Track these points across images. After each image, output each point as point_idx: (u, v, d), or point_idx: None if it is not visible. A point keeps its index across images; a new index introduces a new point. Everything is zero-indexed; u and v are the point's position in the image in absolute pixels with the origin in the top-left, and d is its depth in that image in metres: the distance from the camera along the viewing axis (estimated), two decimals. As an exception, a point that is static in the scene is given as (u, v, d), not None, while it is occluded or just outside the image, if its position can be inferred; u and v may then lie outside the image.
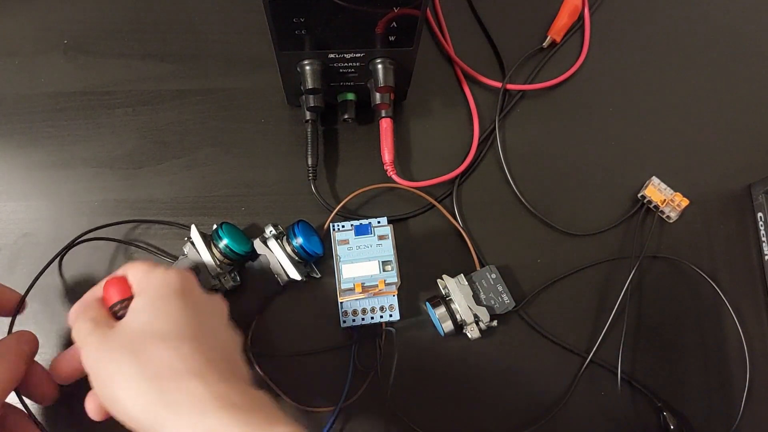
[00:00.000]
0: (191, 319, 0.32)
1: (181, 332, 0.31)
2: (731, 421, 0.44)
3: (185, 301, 0.32)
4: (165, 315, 0.31)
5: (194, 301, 0.33)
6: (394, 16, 0.36)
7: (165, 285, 0.33)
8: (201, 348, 0.30)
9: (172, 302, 0.32)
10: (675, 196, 0.48)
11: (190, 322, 0.31)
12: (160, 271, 0.34)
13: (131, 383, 0.28)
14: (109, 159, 0.46)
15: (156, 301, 0.32)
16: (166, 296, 0.32)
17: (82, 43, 0.49)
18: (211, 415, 0.27)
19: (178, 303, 0.32)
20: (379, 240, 0.42)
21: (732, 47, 0.54)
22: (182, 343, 0.30)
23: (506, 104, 0.50)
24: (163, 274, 0.33)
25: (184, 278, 0.34)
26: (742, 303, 0.47)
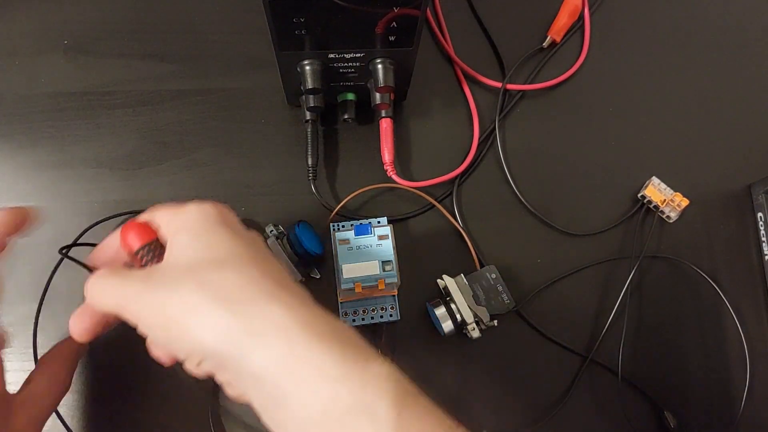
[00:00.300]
0: (245, 245, 0.28)
1: (240, 256, 0.27)
2: (731, 421, 0.44)
3: (232, 229, 0.29)
4: (216, 244, 0.27)
5: (239, 230, 0.30)
6: (394, 16, 0.36)
7: (204, 217, 0.29)
8: (267, 271, 0.27)
9: (219, 231, 0.28)
10: (675, 196, 0.48)
11: (247, 248, 0.28)
12: (192, 205, 0.30)
13: (203, 309, 0.25)
14: (109, 159, 0.46)
15: (200, 235, 0.28)
16: (210, 227, 0.28)
17: (82, 43, 0.49)
18: (299, 344, 0.24)
19: (226, 231, 0.28)
20: (379, 240, 0.42)
21: (732, 47, 0.54)
22: (246, 266, 0.26)
23: (506, 104, 0.50)
24: (198, 207, 0.30)
25: (222, 208, 0.31)
26: (742, 303, 0.47)
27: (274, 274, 0.27)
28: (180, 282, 0.26)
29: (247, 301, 0.25)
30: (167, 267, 0.27)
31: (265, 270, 0.27)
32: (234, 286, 0.25)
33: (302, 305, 0.26)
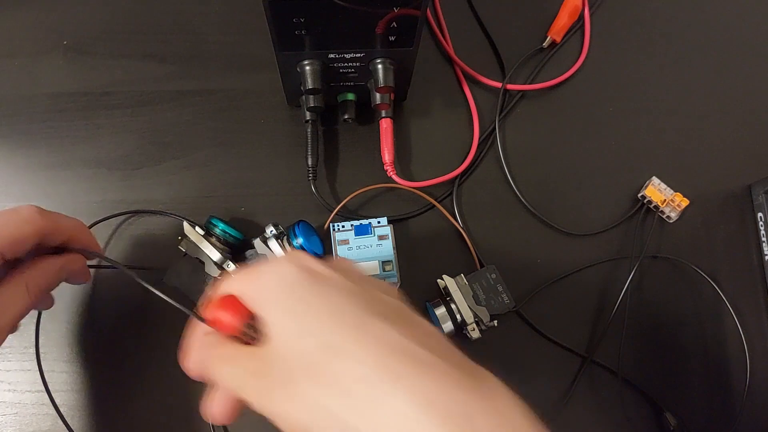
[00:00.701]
0: (344, 301, 0.25)
1: (345, 326, 0.24)
2: (731, 421, 0.44)
3: (320, 283, 0.25)
4: (314, 316, 0.24)
5: (327, 277, 0.26)
6: (394, 17, 0.36)
7: (285, 279, 0.26)
8: (378, 331, 0.24)
9: (308, 293, 0.25)
10: (675, 196, 0.48)
11: (346, 305, 0.25)
12: (266, 268, 0.27)
13: (325, 416, 0.22)
14: (109, 159, 0.46)
15: (293, 305, 0.25)
16: (297, 291, 0.25)
17: (82, 43, 0.49)
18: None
19: (316, 290, 0.25)
20: (379, 240, 0.42)
21: (732, 47, 0.54)
22: (356, 344, 0.23)
23: (506, 104, 0.50)
24: (273, 269, 0.26)
25: (295, 259, 0.27)
26: (742, 303, 0.46)
27: (386, 329, 0.24)
28: (297, 382, 0.23)
29: (367, 398, 0.22)
30: (277, 358, 0.24)
31: (376, 330, 0.24)
32: (352, 379, 0.22)
33: (434, 379, 0.23)
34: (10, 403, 0.41)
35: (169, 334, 0.43)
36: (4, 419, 0.40)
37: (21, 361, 0.42)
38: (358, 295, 0.25)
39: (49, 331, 0.42)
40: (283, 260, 0.27)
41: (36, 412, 0.41)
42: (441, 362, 0.24)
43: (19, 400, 0.41)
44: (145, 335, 0.42)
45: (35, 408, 0.41)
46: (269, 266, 0.27)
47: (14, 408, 0.41)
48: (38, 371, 0.40)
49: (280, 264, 0.27)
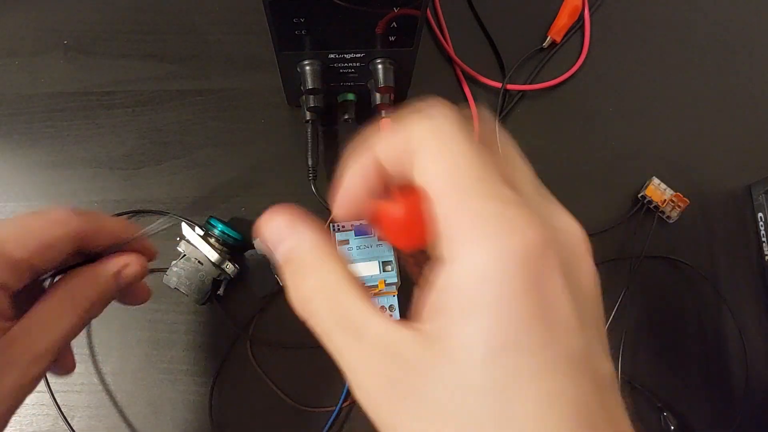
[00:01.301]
0: (563, 396, 0.15)
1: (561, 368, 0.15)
2: (731, 421, 0.44)
3: (554, 337, 0.15)
4: (522, 343, 0.15)
5: (578, 298, 0.17)
6: (394, 17, 0.36)
7: (522, 266, 0.15)
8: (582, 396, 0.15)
9: (529, 310, 0.15)
10: (675, 196, 0.48)
11: (563, 400, 0.15)
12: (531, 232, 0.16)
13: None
14: (109, 159, 0.46)
15: (508, 302, 0.15)
16: (519, 294, 0.15)
17: (82, 43, 0.49)
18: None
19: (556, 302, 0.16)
20: (379, 240, 0.42)
21: (732, 47, 0.54)
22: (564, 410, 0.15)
23: (506, 104, 0.50)
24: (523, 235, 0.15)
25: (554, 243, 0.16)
26: (742, 303, 0.46)
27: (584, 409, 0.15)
28: (459, 415, 0.15)
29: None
30: (429, 396, 0.15)
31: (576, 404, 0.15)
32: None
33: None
34: (11, 403, 0.41)
35: (171, 332, 0.43)
36: (4, 419, 0.40)
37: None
38: (583, 380, 0.16)
39: (49, 331, 0.42)
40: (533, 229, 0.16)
41: (36, 412, 0.41)
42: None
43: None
44: (146, 335, 0.42)
45: (35, 408, 0.41)
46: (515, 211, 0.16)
47: (14, 408, 0.41)
48: (38, 371, 0.40)
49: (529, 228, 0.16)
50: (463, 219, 0.16)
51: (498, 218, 0.15)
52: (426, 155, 0.17)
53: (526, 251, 0.15)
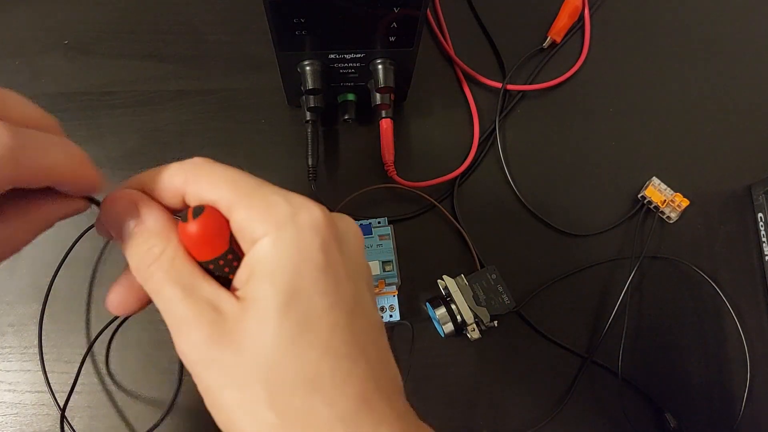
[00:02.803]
0: (347, 330, 0.20)
1: (339, 358, 0.20)
2: (732, 422, 0.44)
3: (337, 288, 0.20)
4: (314, 335, 0.19)
5: (349, 262, 0.21)
6: (394, 17, 0.36)
7: (311, 255, 0.20)
8: (365, 379, 0.20)
9: (324, 311, 0.19)
10: (675, 196, 0.48)
11: (348, 334, 0.20)
12: (305, 212, 0.20)
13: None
14: (110, 159, 0.46)
15: (296, 310, 0.19)
16: (313, 293, 0.19)
17: (83, 43, 0.49)
18: None
19: (332, 307, 0.20)
20: (380, 240, 0.42)
21: (732, 47, 0.54)
22: (342, 386, 0.19)
23: (506, 105, 0.50)
24: (311, 232, 0.20)
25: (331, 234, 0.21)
26: (742, 303, 0.47)
27: (371, 376, 0.20)
28: (250, 387, 0.19)
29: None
30: (246, 347, 0.19)
31: (365, 379, 0.20)
32: (316, 420, 0.19)
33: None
34: (11, 404, 0.41)
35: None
36: (4, 419, 0.40)
37: (21, 362, 0.42)
38: (358, 319, 0.21)
39: (49, 331, 0.42)
40: (323, 221, 0.20)
41: (36, 412, 0.41)
42: (398, 421, 0.22)
43: (19, 400, 0.41)
44: (146, 335, 0.42)
45: (35, 408, 0.41)
46: (305, 213, 0.20)
47: (14, 408, 0.41)
48: (40, 371, 0.41)
49: (317, 224, 0.20)
50: (258, 211, 0.20)
51: (285, 204, 0.20)
52: (202, 182, 0.21)
53: (314, 223, 0.20)
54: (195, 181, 0.21)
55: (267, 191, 0.21)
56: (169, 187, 0.21)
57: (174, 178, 0.21)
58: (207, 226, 0.20)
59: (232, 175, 0.21)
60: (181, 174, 0.21)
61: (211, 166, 0.21)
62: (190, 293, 0.20)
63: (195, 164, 0.21)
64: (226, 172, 0.21)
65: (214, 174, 0.21)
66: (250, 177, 0.21)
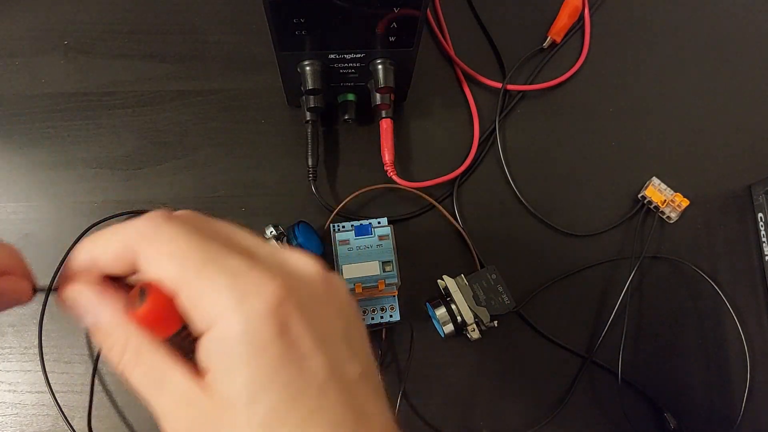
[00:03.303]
0: (322, 410, 0.19)
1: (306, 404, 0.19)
2: (732, 422, 0.44)
3: (294, 363, 0.19)
4: (286, 428, 0.18)
5: (307, 357, 0.19)
6: (394, 17, 0.36)
7: (253, 335, 0.18)
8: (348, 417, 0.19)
9: (276, 355, 0.18)
10: (675, 196, 0.48)
11: (323, 414, 0.19)
12: (252, 298, 0.19)
13: None
14: (110, 159, 0.46)
15: (263, 400, 0.18)
16: (272, 381, 0.18)
17: (83, 43, 0.49)
18: None
19: (289, 355, 0.19)
20: (380, 240, 0.42)
21: (732, 47, 0.54)
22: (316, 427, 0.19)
23: (506, 105, 0.50)
24: (245, 324, 0.18)
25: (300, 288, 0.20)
26: (742, 303, 0.47)
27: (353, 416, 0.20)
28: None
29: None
30: (212, 404, 0.19)
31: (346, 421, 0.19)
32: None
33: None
34: (11, 404, 0.41)
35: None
36: (4, 420, 0.40)
37: (21, 362, 0.42)
38: (335, 387, 0.19)
39: (49, 331, 0.42)
40: (277, 282, 0.19)
41: (36, 412, 0.41)
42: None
43: (19, 400, 0.41)
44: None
45: (35, 409, 0.41)
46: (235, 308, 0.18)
47: (14, 408, 0.41)
48: (40, 371, 0.40)
49: (251, 316, 0.18)
50: (202, 299, 0.18)
51: (232, 289, 0.18)
52: (150, 252, 0.19)
53: (264, 309, 0.18)
54: (141, 251, 0.19)
55: (213, 272, 0.18)
56: (116, 260, 0.20)
57: (119, 250, 0.20)
58: (151, 312, 0.19)
59: (179, 248, 0.19)
60: (126, 245, 0.20)
61: (158, 233, 0.19)
62: (161, 388, 0.19)
63: (140, 231, 0.20)
64: (172, 245, 0.19)
65: (160, 245, 0.19)
66: (199, 248, 0.19)
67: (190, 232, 0.19)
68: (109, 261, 0.20)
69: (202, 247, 0.19)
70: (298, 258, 0.21)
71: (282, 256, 0.21)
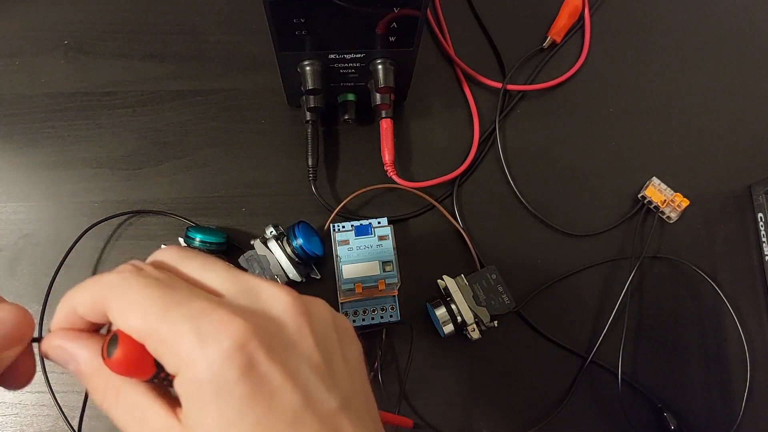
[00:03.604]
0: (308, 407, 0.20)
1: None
2: (732, 422, 0.44)
3: (268, 405, 0.19)
4: (245, 422, 0.19)
5: (288, 360, 0.20)
6: (394, 17, 0.36)
7: (229, 389, 0.19)
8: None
9: (243, 394, 0.19)
10: (675, 196, 0.48)
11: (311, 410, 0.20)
12: (213, 342, 0.19)
13: None
14: (110, 159, 0.46)
15: (223, 394, 0.19)
16: (241, 422, 0.19)
17: (83, 43, 0.49)
18: None
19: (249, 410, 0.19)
20: (380, 240, 0.42)
21: (732, 47, 0.54)
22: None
23: (506, 105, 0.50)
24: (221, 354, 0.19)
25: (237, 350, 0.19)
26: (742, 303, 0.47)
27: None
28: None
29: None
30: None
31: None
32: None
33: None
34: (11, 404, 0.41)
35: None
36: (4, 420, 0.40)
37: (21, 361, 0.42)
38: (310, 420, 0.20)
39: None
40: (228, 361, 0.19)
41: (36, 413, 0.41)
42: None
43: (19, 400, 0.41)
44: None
45: (36, 409, 0.41)
46: (213, 315, 0.19)
47: (15, 408, 0.41)
48: (41, 371, 0.41)
49: (220, 366, 0.19)
50: (167, 347, 0.19)
51: (194, 334, 0.19)
52: (115, 305, 0.20)
53: (226, 351, 0.18)
54: (108, 303, 0.20)
55: (175, 318, 0.19)
56: (91, 311, 0.21)
57: (90, 301, 0.21)
58: (123, 359, 0.19)
59: (142, 298, 0.19)
60: (96, 297, 0.20)
61: (124, 285, 0.20)
62: (142, 426, 0.20)
63: (110, 284, 0.20)
64: (136, 296, 0.20)
65: (124, 297, 0.20)
66: (162, 297, 0.19)
67: (154, 284, 0.20)
68: (86, 311, 0.21)
69: (165, 296, 0.19)
70: (271, 292, 0.21)
71: (254, 291, 0.21)
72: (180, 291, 0.20)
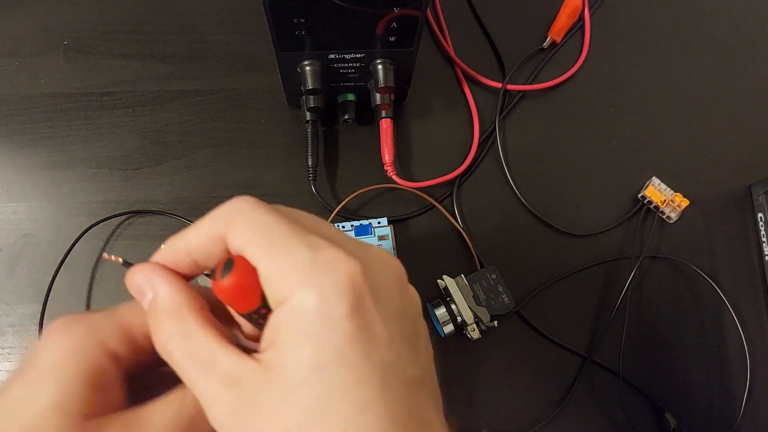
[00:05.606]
0: (380, 403, 0.18)
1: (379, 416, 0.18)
2: (732, 422, 0.44)
3: (366, 353, 0.18)
4: (336, 416, 0.18)
5: (388, 317, 0.20)
6: (394, 17, 0.36)
7: (335, 323, 0.18)
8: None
9: (347, 333, 0.18)
10: (675, 196, 0.48)
11: (380, 408, 0.18)
12: (331, 272, 0.19)
13: None
14: (109, 159, 0.46)
15: (322, 379, 0.18)
16: (337, 361, 0.18)
17: (82, 43, 0.49)
18: None
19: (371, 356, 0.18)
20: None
21: (732, 47, 0.54)
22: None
23: (506, 105, 0.50)
24: (337, 286, 0.18)
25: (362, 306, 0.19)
26: (742, 303, 0.47)
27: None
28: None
29: None
30: (262, 420, 0.18)
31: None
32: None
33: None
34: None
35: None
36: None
37: (21, 361, 0.42)
38: (394, 386, 0.19)
39: (49, 331, 0.42)
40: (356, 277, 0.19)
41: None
42: None
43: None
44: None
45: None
46: (337, 252, 0.19)
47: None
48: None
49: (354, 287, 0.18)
50: (283, 269, 0.19)
51: (312, 261, 0.18)
52: (237, 229, 0.20)
53: (341, 284, 0.18)
54: (232, 224, 0.20)
55: (297, 245, 0.19)
56: (210, 239, 0.21)
57: (213, 228, 0.20)
58: (234, 283, 0.19)
59: (267, 222, 0.19)
60: (220, 222, 0.20)
61: (249, 211, 0.20)
62: (208, 371, 0.19)
63: (233, 210, 0.20)
64: (261, 218, 0.20)
65: (249, 220, 0.20)
66: (286, 225, 0.19)
67: (278, 212, 0.20)
68: (200, 243, 0.21)
69: (289, 225, 0.19)
70: (381, 251, 0.22)
71: (365, 245, 0.21)
72: (302, 226, 0.20)
